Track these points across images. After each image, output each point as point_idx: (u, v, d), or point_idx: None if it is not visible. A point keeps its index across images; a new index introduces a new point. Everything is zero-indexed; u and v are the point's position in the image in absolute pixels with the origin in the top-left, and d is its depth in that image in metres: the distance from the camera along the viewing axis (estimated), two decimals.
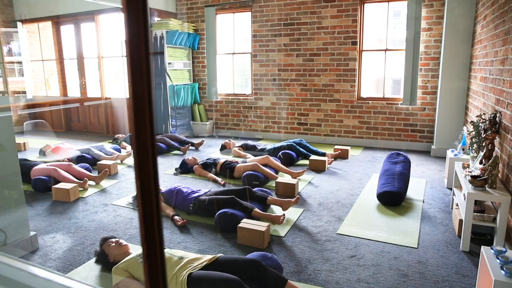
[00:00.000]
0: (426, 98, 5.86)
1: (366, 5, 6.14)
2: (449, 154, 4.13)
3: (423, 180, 4.48)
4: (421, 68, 5.78)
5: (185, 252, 2.42)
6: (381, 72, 6.27)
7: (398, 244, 2.91)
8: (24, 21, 8.13)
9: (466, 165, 3.29)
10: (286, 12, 6.55)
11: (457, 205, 3.23)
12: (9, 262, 0.90)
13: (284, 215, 3.18)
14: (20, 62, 8.49)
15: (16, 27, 8.04)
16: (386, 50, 6.16)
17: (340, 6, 6.18)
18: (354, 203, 3.79)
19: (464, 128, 4.54)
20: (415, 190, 4.09)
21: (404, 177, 3.84)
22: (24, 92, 8.45)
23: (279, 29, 6.66)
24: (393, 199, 3.61)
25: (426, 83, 5.82)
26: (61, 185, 4.10)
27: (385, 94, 6.31)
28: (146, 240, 0.59)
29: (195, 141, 6.44)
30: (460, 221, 2.97)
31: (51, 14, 7.88)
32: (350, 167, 5.12)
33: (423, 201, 3.80)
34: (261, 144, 5.79)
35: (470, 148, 3.44)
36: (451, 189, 4.04)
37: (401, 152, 4.33)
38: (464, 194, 2.84)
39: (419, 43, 5.61)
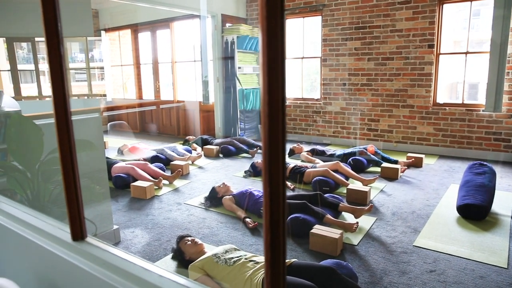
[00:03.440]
0: None
1: (445, 5, 5.82)
2: None
3: (510, 194, 4.12)
4: (508, 72, 5.34)
5: (261, 257, 2.45)
6: (457, 76, 5.89)
7: (484, 262, 2.70)
8: (107, 30, 8.79)
9: None
10: (358, 15, 6.41)
11: None
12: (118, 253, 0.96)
13: (357, 223, 3.10)
14: (101, 68, 9.19)
15: (100, 36, 8.72)
16: (466, 53, 5.77)
17: (416, 7, 5.91)
18: (430, 215, 3.59)
19: None
20: (501, 204, 3.77)
21: (488, 190, 3.56)
22: (105, 95, 9.13)
23: (350, 33, 6.53)
24: (476, 212, 3.36)
25: None
26: (138, 183, 4.35)
27: (464, 100, 5.92)
28: (270, 247, 0.60)
29: None
30: None
31: (130, 22, 8.44)
32: (424, 176, 4.87)
33: None
34: (330, 150, 5.70)
35: None
36: None
37: (485, 163, 4.02)
38: None
39: (507, 44, 5.18)
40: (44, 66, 9.34)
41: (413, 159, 5.31)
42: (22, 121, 2.45)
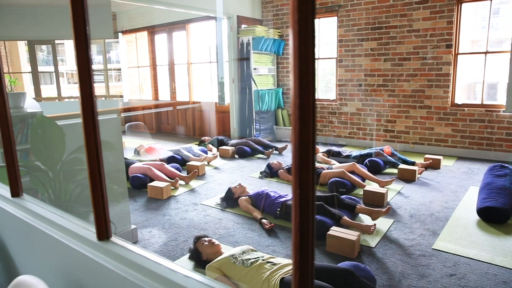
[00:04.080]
0: None
1: (463, 4, 5.72)
2: None
3: None
4: None
5: (280, 259, 2.45)
6: (476, 77, 5.78)
7: (507, 267, 2.64)
8: (124, 32, 8.91)
9: None
10: (374, 16, 6.35)
11: None
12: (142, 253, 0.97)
13: (374, 225, 3.07)
14: (118, 69, 9.32)
15: (118, 38, 8.85)
16: (486, 52, 5.66)
17: (433, 7, 5.83)
18: (449, 217, 3.54)
19: None
20: None
21: (510, 192, 3.49)
22: (121, 96, 9.25)
23: (366, 34, 6.48)
24: (498, 216, 3.29)
25: None
26: (155, 183, 4.39)
27: (483, 100, 5.81)
28: (299, 250, 0.60)
29: (278, 145, 6.51)
30: None
31: (147, 24, 8.54)
32: (442, 178, 4.79)
33: None
34: (346, 151, 5.66)
35: None
36: None
37: (507, 165, 3.94)
38: None
39: None
40: (63, 68, 9.52)
41: (430, 161, 5.23)
42: (45, 122, 2.50)
